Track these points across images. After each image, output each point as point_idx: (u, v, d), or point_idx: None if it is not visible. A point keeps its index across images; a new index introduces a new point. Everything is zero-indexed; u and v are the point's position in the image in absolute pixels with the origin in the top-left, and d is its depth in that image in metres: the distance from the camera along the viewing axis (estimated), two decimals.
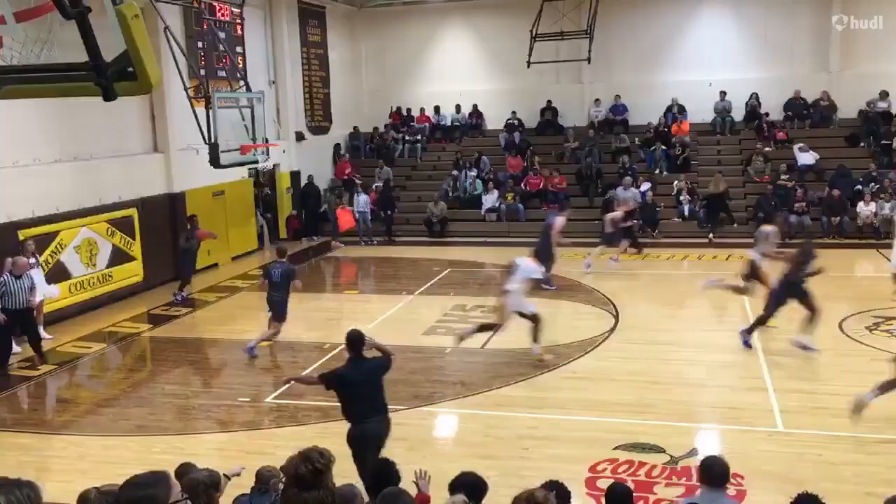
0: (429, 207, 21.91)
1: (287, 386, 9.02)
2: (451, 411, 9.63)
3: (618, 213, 17.31)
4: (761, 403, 9.31)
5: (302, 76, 22.78)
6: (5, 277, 11.26)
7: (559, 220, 15.55)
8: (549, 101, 24.30)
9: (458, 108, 25.15)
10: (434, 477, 5.30)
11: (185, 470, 5.32)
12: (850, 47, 22.29)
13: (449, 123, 25.22)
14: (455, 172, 23.00)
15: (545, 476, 5.35)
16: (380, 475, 5.07)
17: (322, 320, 14.20)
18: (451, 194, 22.56)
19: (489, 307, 14.12)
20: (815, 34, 22.59)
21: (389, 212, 21.90)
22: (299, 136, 22.44)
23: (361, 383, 6.83)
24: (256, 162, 15.90)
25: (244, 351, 11.77)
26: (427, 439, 8.95)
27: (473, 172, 22.87)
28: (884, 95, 21.76)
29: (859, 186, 19.97)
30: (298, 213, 22.12)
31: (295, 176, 22.26)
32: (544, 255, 14.37)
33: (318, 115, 23.82)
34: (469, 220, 21.94)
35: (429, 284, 16.32)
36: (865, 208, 19.21)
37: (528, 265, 11.44)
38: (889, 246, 17.93)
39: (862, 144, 21.61)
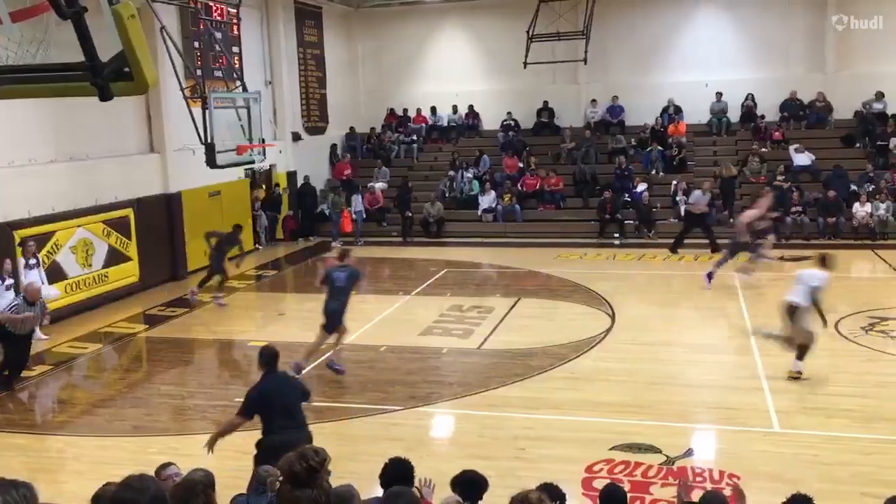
0: (425, 208, 21.91)
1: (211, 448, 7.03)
2: (447, 412, 9.63)
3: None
4: (757, 404, 9.33)
5: (298, 76, 22.77)
6: (20, 301, 10.67)
7: (748, 213, 15.24)
8: (545, 102, 24.32)
9: (454, 108, 25.17)
10: (430, 477, 5.30)
11: (163, 467, 5.34)
12: (846, 48, 22.33)
13: (445, 124, 25.24)
14: (452, 173, 23.00)
15: (541, 477, 5.36)
16: (397, 476, 5.07)
17: (317, 320, 14.16)
18: (447, 195, 22.58)
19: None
20: (811, 35, 22.64)
21: (409, 213, 21.90)
22: (296, 137, 22.43)
23: (278, 397, 6.69)
24: (253, 162, 15.88)
25: (329, 368, 10.71)
26: (423, 440, 8.95)
27: (470, 173, 22.88)
28: (879, 96, 21.80)
29: (854, 187, 20.00)
30: (295, 214, 22.13)
31: (291, 176, 22.26)
32: (737, 251, 15.08)
33: (315, 116, 23.81)
34: (466, 221, 21.94)
35: (425, 285, 16.32)
36: (861, 209, 19.24)
37: (810, 273, 10.19)
38: (887, 247, 18.03)
39: (858, 145, 21.64)
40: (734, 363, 10.94)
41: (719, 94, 23.03)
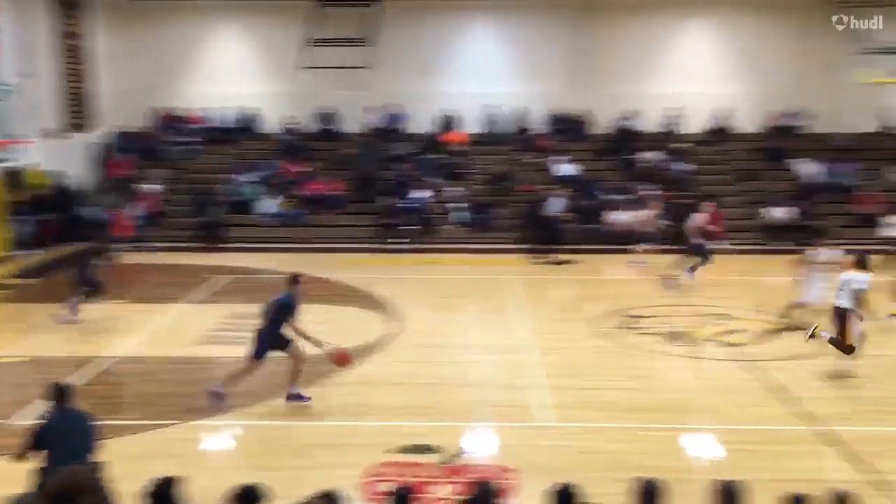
0: (204, 212, 21.09)
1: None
2: (228, 423, 9.33)
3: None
4: (533, 400, 9.90)
5: (60, 69, 21.10)
6: None
7: (699, 217, 16.02)
8: (328, 106, 24.28)
9: (234, 109, 24.41)
10: (210, 492, 5.16)
11: None
12: (607, 68, 24.35)
13: (225, 125, 24.44)
14: (231, 176, 22.34)
15: (324, 484, 5.37)
16: (161, 497, 4.87)
17: (85, 332, 13.21)
18: (227, 199, 21.88)
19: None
20: (576, 54, 24.40)
21: (206, 218, 20.95)
22: (54, 134, 20.75)
23: (65, 431, 6.30)
24: (3, 161, 14.51)
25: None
26: (202, 454, 8.62)
27: (251, 176, 22.34)
28: (632, 114, 23.94)
29: (611, 196, 21.74)
30: (58, 217, 20.43)
31: (49, 176, 20.53)
32: (698, 252, 15.83)
33: (78, 112, 22.18)
34: (247, 226, 21.40)
35: (203, 292, 15.74)
36: (617, 217, 20.97)
37: (853, 276, 10.46)
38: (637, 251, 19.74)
39: (614, 158, 23.57)
40: (513, 362, 11.52)
41: (493, 106, 24.17)
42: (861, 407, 9.84)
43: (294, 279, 9.80)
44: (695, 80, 24.27)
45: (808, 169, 22.51)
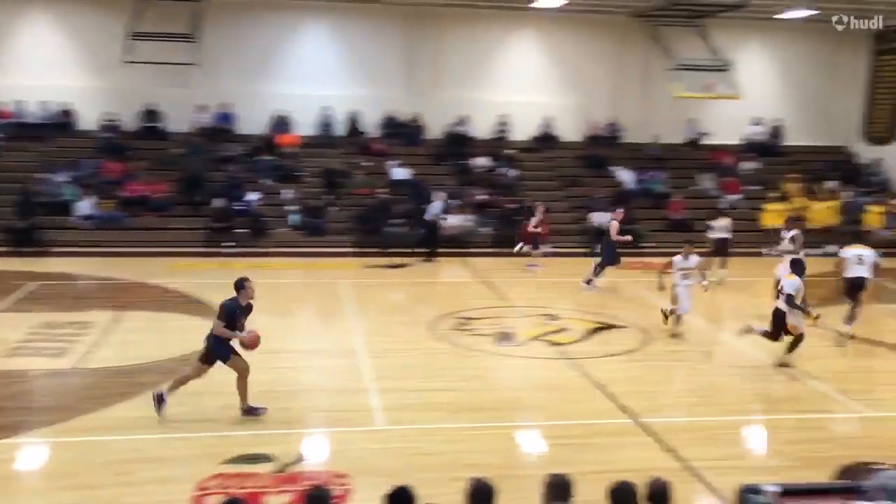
0: (15, 213, 19.50)
1: None
2: (39, 441, 8.66)
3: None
4: (364, 404, 9.86)
5: None
6: None
7: (614, 224, 16.67)
8: (152, 104, 23.16)
9: (45, 104, 22.75)
10: None
11: None
12: (439, 73, 24.74)
13: (34, 120, 22.69)
14: (43, 175, 20.79)
15: (148, 502, 5.10)
16: None
17: None
18: (38, 199, 20.33)
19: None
20: (408, 59, 24.64)
21: (32, 221, 19.37)
22: None
23: None
24: None
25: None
26: (10, 476, 7.93)
27: (64, 176, 20.90)
28: (463, 120, 24.47)
29: (447, 201, 22.11)
30: None
31: None
32: (609, 257, 16.56)
33: None
34: (61, 229, 19.98)
35: (10, 300, 14.58)
36: (451, 220, 21.36)
37: (787, 281, 11.28)
38: (471, 255, 20.27)
39: (447, 163, 24.00)
40: (347, 366, 11.43)
41: (326, 108, 23.95)
42: (673, 399, 10.57)
43: (238, 284, 9.63)
44: (522, 89, 25.15)
45: (626, 176, 23.91)
